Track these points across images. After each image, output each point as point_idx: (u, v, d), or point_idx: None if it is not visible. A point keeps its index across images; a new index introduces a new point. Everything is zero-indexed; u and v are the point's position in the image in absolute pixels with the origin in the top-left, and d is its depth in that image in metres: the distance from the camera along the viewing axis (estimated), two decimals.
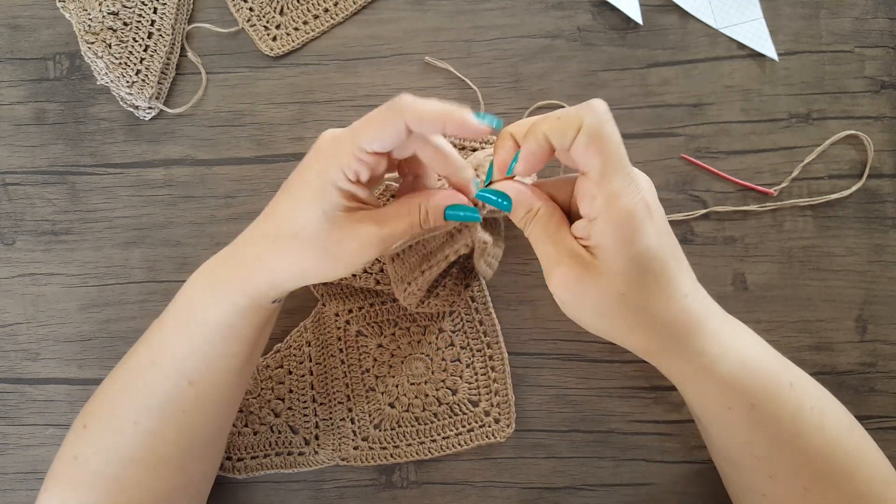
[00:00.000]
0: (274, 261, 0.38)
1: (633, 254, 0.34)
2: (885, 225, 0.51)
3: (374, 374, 0.51)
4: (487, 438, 0.49)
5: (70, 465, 0.42)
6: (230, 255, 0.41)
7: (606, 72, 0.52)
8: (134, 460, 0.41)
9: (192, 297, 0.41)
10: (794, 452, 0.38)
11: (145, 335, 0.43)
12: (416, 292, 0.44)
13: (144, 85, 0.52)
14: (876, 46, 0.52)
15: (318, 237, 0.37)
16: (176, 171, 0.53)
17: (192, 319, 0.40)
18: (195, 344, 0.40)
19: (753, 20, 0.52)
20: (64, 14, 0.53)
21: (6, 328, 0.53)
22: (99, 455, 0.41)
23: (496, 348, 0.50)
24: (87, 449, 0.41)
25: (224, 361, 0.41)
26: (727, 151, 0.51)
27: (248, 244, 0.40)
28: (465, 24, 0.53)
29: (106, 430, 0.41)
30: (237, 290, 0.39)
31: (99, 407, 0.43)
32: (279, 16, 0.54)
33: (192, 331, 0.40)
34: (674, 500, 0.50)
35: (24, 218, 0.54)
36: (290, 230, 0.37)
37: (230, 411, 0.45)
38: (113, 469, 0.41)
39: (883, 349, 0.50)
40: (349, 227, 0.37)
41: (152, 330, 0.43)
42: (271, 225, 0.39)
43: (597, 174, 0.33)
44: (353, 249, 0.37)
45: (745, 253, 0.51)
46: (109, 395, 0.42)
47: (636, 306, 0.35)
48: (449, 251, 0.42)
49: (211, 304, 0.40)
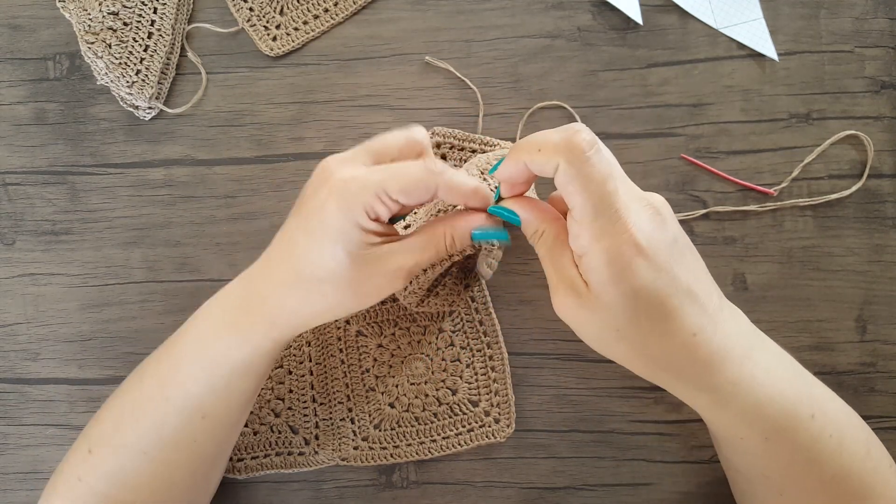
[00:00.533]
0: (301, 307, 0.37)
1: (621, 293, 0.32)
2: (885, 225, 0.51)
3: (374, 374, 0.51)
4: (487, 438, 0.49)
5: (74, 486, 0.41)
6: (248, 296, 0.39)
7: (606, 72, 0.52)
8: (141, 485, 0.40)
9: (207, 334, 0.40)
10: (808, 477, 0.37)
11: (154, 365, 0.42)
12: (417, 291, 0.44)
13: (144, 85, 0.52)
14: (876, 46, 0.52)
15: (344, 279, 0.36)
16: (176, 171, 0.53)
17: (210, 359, 0.39)
18: (213, 383, 0.39)
19: (753, 20, 0.52)
20: (64, 14, 0.53)
21: (6, 328, 0.53)
22: (105, 480, 0.40)
23: (496, 348, 0.50)
24: (92, 473, 0.41)
25: (239, 396, 0.41)
26: (727, 151, 0.51)
27: (269, 287, 0.38)
28: (465, 24, 0.53)
29: (113, 457, 0.41)
30: (261, 335, 0.38)
31: (104, 433, 0.42)
32: (279, 16, 0.54)
33: (210, 370, 0.39)
34: (674, 500, 0.50)
35: (24, 218, 0.54)
36: (313, 274, 0.36)
37: (237, 432, 0.45)
38: (120, 493, 0.40)
39: (883, 349, 0.50)
40: (375, 264, 0.36)
41: (162, 362, 0.41)
42: (290, 267, 0.37)
43: (578, 213, 0.32)
44: (382, 285, 0.36)
45: (745, 253, 0.51)
46: (116, 423, 0.41)
47: (633, 341, 0.34)
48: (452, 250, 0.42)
49: (232, 346, 0.39)
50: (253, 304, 0.38)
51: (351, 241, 0.35)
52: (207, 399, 0.40)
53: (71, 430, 0.52)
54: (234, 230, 0.53)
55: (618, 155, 0.51)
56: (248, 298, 0.39)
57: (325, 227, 0.35)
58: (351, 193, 0.35)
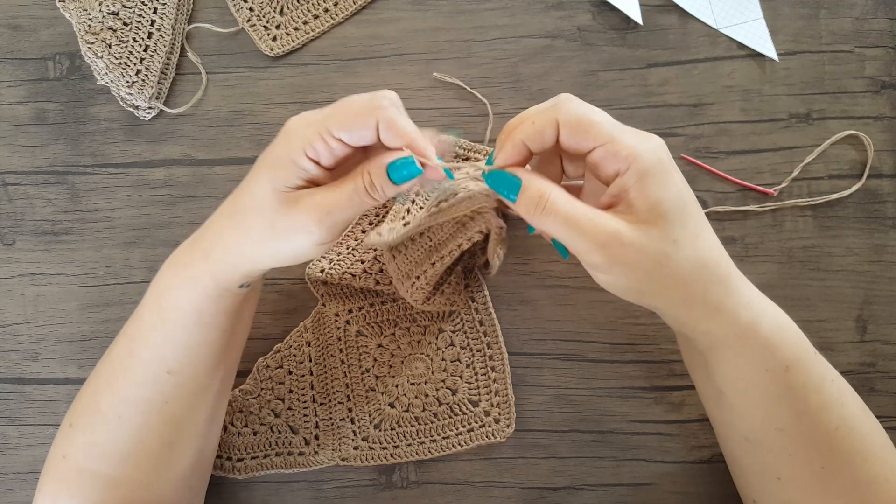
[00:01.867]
0: (230, 238, 0.38)
1: (673, 195, 0.34)
2: (884, 225, 0.51)
3: (374, 374, 0.51)
4: (487, 438, 0.49)
5: (59, 464, 0.42)
6: (198, 237, 0.41)
7: (606, 72, 0.52)
8: (121, 454, 0.41)
9: (163, 283, 0.41)
10: (817, 426, 0.37)
11: (123, 329, 0.43)
12: (425, 286, 0.44)
13: (144, 85, 0.52)
14: (876, 46, 0.52)
15: (264, 210, 0.36)
16: (176, 171, 0.53)
17: (165, 305, 0.40)
18: (169, 330, 0.40)
19: (753, 20, 0.52)
20: (64, 14, 0.53)
21: (6, 328, 0.53)
22: (86, 452, 0.41)
23: (496, 348, 0.50)
24: (74, 447, 0.42)
25: (200, 349, 0.41)
26: (727, 151, 0.51)
27: (211, 224, 0.40)
28: (465, 24, 0.53)
29: (91, 426, 0.42)
30: (204, 273, 0.39)
31: (84, 404, 0.43)
32: (279, 16, 0.54)
33: (166, 317, 0.40)
34: (674, 500, 0.50)
35: (24, 218, 0.54)
36: (244, 204, 0.37)
37: (214, 402, 0.45)
38: (101, 465, 0.41)
39: (883, 349, 0.50)
40: (294, 200, 0.36)
41: (130, 321, 0.43)
42: (230, 202, 0.39)
43: (604, 138, 0.33)
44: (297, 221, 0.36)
45: (745, 253, 0.51)
46: (93, 392, 0.43)
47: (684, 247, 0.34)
48: (462, 239, 0.42)
49: (181, 289, 0.40)
50: (197, 244, 0.40)
51: (281, 177, 0.36)
52: (167, 350, 0.40)
53: None
54: None
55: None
56: (195, 240, 0.41)
57: (264, 163, 0.37)
58: (294, 131, 0.36)
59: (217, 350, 0.42)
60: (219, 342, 0.42)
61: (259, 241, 0.37)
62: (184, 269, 0.40)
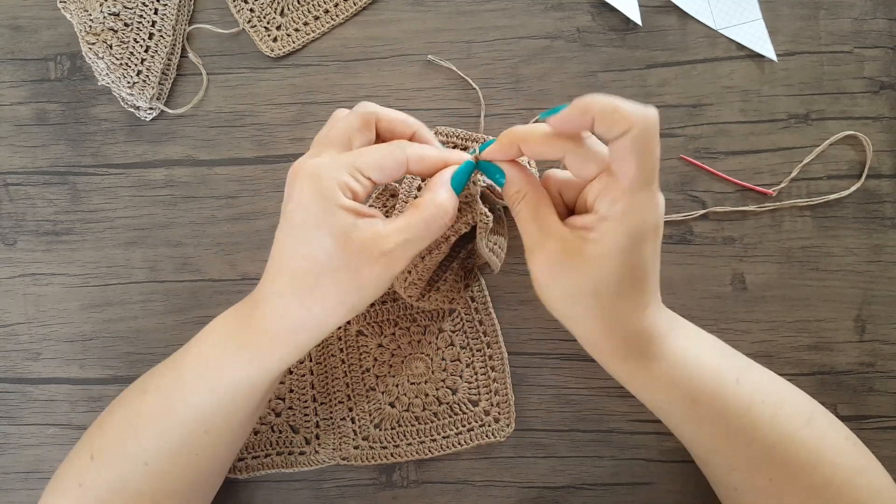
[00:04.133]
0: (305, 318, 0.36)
1: (626, 263, 0.34)
2: (883, 225, 0.51)
3: (375, 374, 0.51)
4: (487, 438, 0.50)
5: (75, 491, 0.41)
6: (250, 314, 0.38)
7: (606, 72, 0.52)
8: (140, 493, 0.41)
9: (211, 353, 0.39)
10: (750, 445, 0.38)
11: (158, 378, 0.42)
12: (417, 282, 0.44)
13: (145, 86, 0.52)
14: (875, 47, 0.52)
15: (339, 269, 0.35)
16: (177, 172, 0.53)
17: (216, 377, 0.39)
18: (217, 399, 0.39)
19: (752, 21, 0.52)
20: (65, 15, 0.53)
21: (7, 328, 0.53)
22: (105, 487, 0.41)
23: (496, 348, 0.50)
24: (93, 479, 0.41)
25: (243, 413, 0.41)
26: (726, 152, 0.52)
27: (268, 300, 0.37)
28: (465, 24, 0.53)
29: (115, 466, 0.41)
30: (266, 355, 0.38)
31: (108, 442, 0.42)
32: (280, 17, 0.54)
33: (216, 388, 0.39)
34: (673, 499, 0.50)
35: (26, 218, 0.54)
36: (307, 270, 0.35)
37: (238, 447, 0.45)
38: (119, 499, 0.41)
39: (882, 349, 0.50)
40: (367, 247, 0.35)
41: (166, 376, 0.41)
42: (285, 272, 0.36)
43: (628, 181, 0.33)
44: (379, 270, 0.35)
45: (744, 253, 0.51)
46: (119, 432, 0.41)
47: (602, 303, 0.36)
48: (449, 232, 0.42)
49: (237, 367, 0.38)
50: (255, 322, 0.38)
51: (334, 223, 0.34)
52: (211, 415, 0.39)
53: (72, 430, 0.52)
54: (235, 230, 0.53)
55: None
56: (250, 317, 0.38)
57: (306, 217, 0.35)
58: (324, 176, 0.34)
59: (256, 409, 0.42)
60: (260, 402, 0.42)
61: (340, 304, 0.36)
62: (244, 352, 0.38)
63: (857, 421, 0.50)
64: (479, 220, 0.41)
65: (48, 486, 0.43)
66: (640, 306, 0.36)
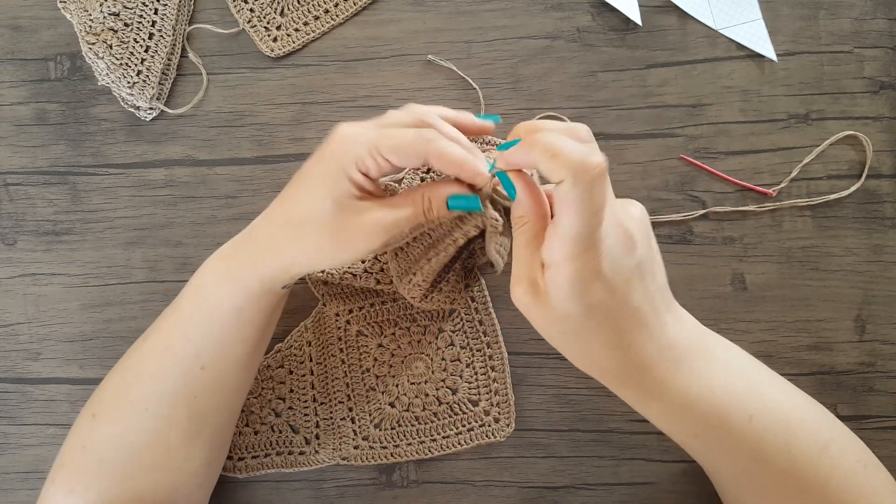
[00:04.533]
0: (285, 245, 0.40)
1: (573, 308, 0.35)
2: (883, 225, 0.51)
3: (375, 374, 0.51)
4: (487, 438, 0.50)
5: (79, 454, 0.42)
6: (243, 242, 0.42)
7: (606, 72, 0.52)
8: (142, 446, 0.42)
9: (205, 282, 0.43)
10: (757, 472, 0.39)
11: (156, 324, 0.44)
12: (421, 283, 0.44)
13: (145, 86, 0.52)
14: (875, 47, 0.52)
15: (326, 222, 0.38)
16: (177, 172, 0.53)
17: (206, 303, 0.42)
18: (209, 327, 0.42)
19: (752, 21, 0.52)
20: (65, 15, 0.53)
21: (7, 328, 0.53)
22: (107, 443, 0.42)
23: (496, 348, 0.50)
24: (95, 438, 0.42)
25: (235, 347, 0.43)
26: (726, 152, 0.52)
27: (261, 229, 0.41)
28: (464, 24, 0.53)
29: (115, 417, 0.42)
30: (250, 274, 0.41)
31: (109, 396, 0.44)
32: (280, 17, 0.54)
33: (206, 314, 0.42)
34: (673, 499, 0.50)
35: (26, 218, 0.54)
36: (300, 215, 0.39)
37: (237, 400, 0.46)
38: (121, 456, 0.42)
39: (882, 349, 0.50)
40: (356, 213, 0.38)
41: (164, 318, 0.44)
42: (283, 210, 0.40)
43: (562, 229, 0.33)
44: (360, 235, 0.38)
45: (744, 253, 0.51)
46: (120, 384, 0.43)
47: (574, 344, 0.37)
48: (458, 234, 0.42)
49: (225, 289, 0.41)
50: (244, 248, 0.42)
51: (337, 188, 0.37)
52: (204, 348, 0.42)
53: None
54: (235, 230, 0.52)
55: (617, 155, 0.52)
56: (240, 244, 0.42)
57: (319, 174, 0.38)
58: (346, 145, 0.38)
59: (250, 348, 0.44)
60: (252, 340, 0.43)
61: (318, 251, 0.39)
62: (228, 270, 0.42)
63: (857, 421, 0.50)
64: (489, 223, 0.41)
65: (56, 460, 0.44)
66: (615, 345, 0.36)
